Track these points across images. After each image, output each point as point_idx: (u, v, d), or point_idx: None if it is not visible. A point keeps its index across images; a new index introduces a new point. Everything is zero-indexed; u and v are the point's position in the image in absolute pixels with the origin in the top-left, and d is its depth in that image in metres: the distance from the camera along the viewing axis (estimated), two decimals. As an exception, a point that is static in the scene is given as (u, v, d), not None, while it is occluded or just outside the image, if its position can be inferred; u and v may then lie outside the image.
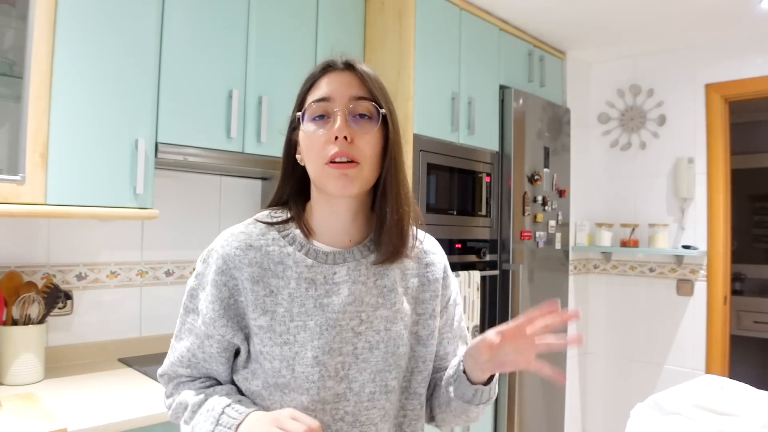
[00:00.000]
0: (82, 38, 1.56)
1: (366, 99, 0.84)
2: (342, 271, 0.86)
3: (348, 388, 0.84)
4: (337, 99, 0.83)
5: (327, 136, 0.82)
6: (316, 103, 0.84)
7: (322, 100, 0.83)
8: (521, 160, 2.76)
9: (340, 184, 0.81)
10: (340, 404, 0.84)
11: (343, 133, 0.80)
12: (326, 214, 0.89)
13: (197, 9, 1.81)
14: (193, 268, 2.18)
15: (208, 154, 1.84)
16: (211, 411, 0.82)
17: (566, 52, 3.28)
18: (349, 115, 0.82)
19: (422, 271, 0.94)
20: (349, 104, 0.83)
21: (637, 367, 3.25)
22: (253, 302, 0.84)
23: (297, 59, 2.11)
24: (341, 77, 0.85)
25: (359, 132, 0.82)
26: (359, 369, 0.85)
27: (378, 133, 0.84)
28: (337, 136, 0.80)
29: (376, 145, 0.84)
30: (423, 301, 0.93)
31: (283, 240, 0.87)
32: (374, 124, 0.84)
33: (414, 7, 2.29)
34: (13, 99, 1.54)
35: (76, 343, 1.86)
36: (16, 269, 1.73)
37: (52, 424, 1.23)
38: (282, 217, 0.90)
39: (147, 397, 1.52)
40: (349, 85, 0.84)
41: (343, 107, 0.82)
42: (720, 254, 2.99)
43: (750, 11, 2.62)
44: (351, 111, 0.83)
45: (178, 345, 0.91)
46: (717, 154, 3.02)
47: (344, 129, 0.81)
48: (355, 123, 0.83)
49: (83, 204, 1.57)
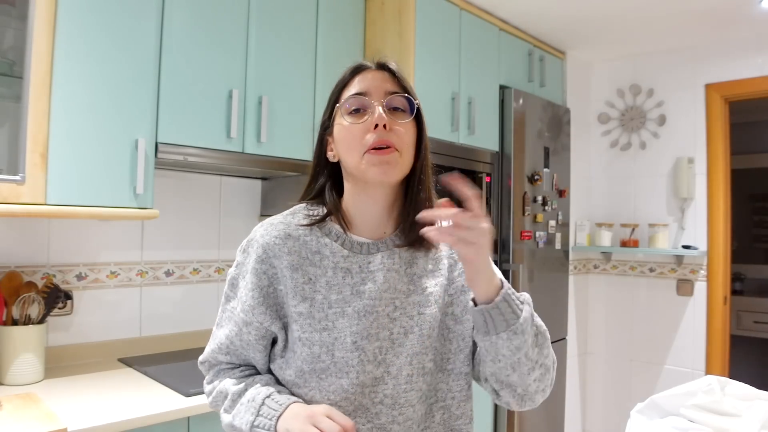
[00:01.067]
0: (82, 38, 1.56)
1: (400, 93, 0.89)
2: (376, 259, 0.91)
3: (386, 372, 0.87)
4: (374, 93, 0.88)
5: (365, 126, 0.86)
6: (353, 97, 0.89)
7: (358, 95, 0.89)
8: (521, 160, 2.76)
9: (381, 170, 0.86)
10: (379, 387, 0.86)
11: (383, 121, 0.85)
12: (363, 205, 0.93)
13: (197, 9, 1.81)
14: (193, 268, 2.18)
15: (208, 154, 1.84)
16: (252, 402, 0.85)
17: (566, 52, 3.28)
18: (387, 105, 0.87)
19: (450, 252, 0.97)
20: (385, 97, 0.88)
21: (637, 367, 3.25)
22: (292, 289, 0.87)
23: (297, 59, 2.11)
24: (374, 74, 0.91)
25: (396, 122, 0.87)
26: (396, 353, 0.87)
27: (412, 124, 0.90)
28: (377, 125, 0.85)
29: (412, 135, 0.90)
30: (453, 279, 0.95)
31: (320, 231, 0.92)
32: (408, 116, 0.89)
33: (414, 7, 2.28)
34: (13, 99, 1.54)
35: (76, 343, 1.86)
36: (16, 269, 1.73)
37: (52, 424, 1.23)
38: (318, 210, 0.94)
39: (147, 397, 1.52)
40: (383, 81, 0.90)
41: (379, 99, 0.88)
42: (720, 254, 2.99)
43: (750, 11, 2.62)
44: (387, 104, 0.88)
45: (219, 332, 0.96)
46: (717, 154, 3.02)
47: (383, 117, 0.86)
48: (391, 115, 0.88)
49: (83, 204, 1.57)
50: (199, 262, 2.20)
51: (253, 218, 2.38)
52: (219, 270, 2.26)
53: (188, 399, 1.51)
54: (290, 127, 2.07)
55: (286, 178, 2.29)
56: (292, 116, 2.08)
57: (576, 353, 3.30)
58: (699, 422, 1.13)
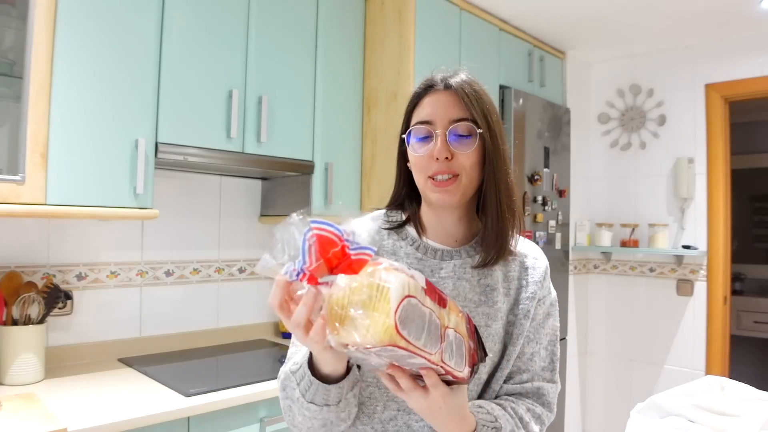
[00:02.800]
0: (82, 38, 1.56)
1: (464, 120, 0.90)
2: (448, 267, 0.94)
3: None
4: (438, 122, 0.90)
5: (429, 155, 0.89)
6: (418, 125, 0.92)
7: (423, 123, 0.91)
8: (521, 160, 2.76)
9: (440, 198, 0.90)
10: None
11: (443, 155, 0.88)
12: (432, 217, 0.97)
13: (197, 9, 1.81)
14: (193, 268, 2.18)
15: (208, 154, 1.84)
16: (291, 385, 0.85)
17: (566, 52, 3.28)
18: (450, 135, 0.89)
19: (523, 274, 0.99)
20: (449, 126, 0.89)
21: (637, 367, 3.25)
22: None
23: (297, 59, 2.11)
24: (441, 98, 0.91)
25: (458, 150, 0.89)
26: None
27: (477, 149, 0.90)
28: (437, 157, 0.88)
29: (475, 159, 0.90)
30: (520, 301, 0.97)
31: (396, 235, 0.97)
32: (472, 143, 0.90)
33: (414, 7, 2.28)
34: (13, 99, 1.54)
35: (76, 343, 1.86)
36: (16, 269, 1.73)
37: (52, 424, 1.23)
38: (397, 216, 0.99)
39: (147, 397, 1.52)
40: (448, 106, 0.90)
41: (443, 129, 0.89)
42: (720, 254, 2.99)
43: (750, 11, 2.62)
44: (451, 132, 0.89)
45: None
46: (717, 154, 3.02)
47: (443, 151, 0.88)
48: (455, 141, 0.89)
49: (83, 204, 1.57)
50: (199, 262, 2.20)
51: (253, 218, 2.38)
52: (219, 270, 2.26)
53: (188, 399, 1.51)
54: (290, 127, 2.07)
55: (286, 178, 2.29)
56: (292, 116, 2.08)
57: (576, 353, 3.30)
58: (699, 422, 1.13)
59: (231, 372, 1.85)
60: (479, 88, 0.93)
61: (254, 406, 1.63)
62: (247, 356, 2.08)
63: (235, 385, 1.64)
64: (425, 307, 0.64)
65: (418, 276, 0.66)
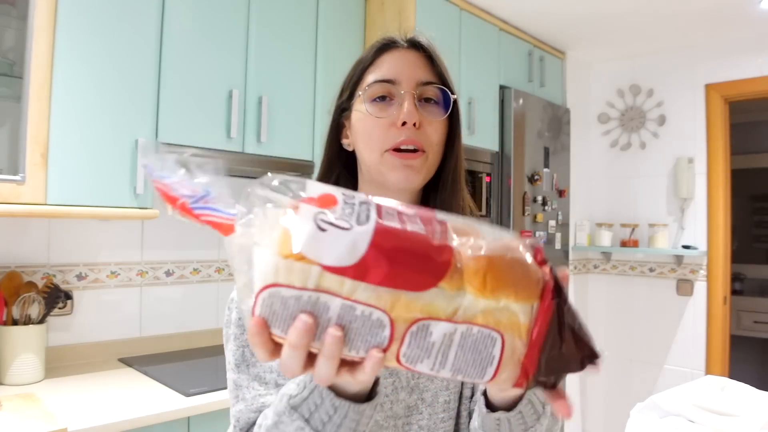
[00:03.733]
0: (83, 38, 1.56)
1: (435, 84, 0.75)
2: None
3: (420, 399, 0.75)
4: (404, 82, 0.73)
5: (390, 121, 0.72)
6: (379, 83, 0.74)
7: (385, 82, 0.73)
8: (521, 160, 2.76)
9: (402, 176, 0.72)
10: (413, 417, 0.74)
11: (414, 119, 0.71)
12: None
13: (197, 9, 1.81)
14: (193, 268, 2.18)
15: (208, 154, 1.84)
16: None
17: (566, 52, 3.28)
18: (416, 99, 0.73)
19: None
20: (417, 88, 0.73)
21: (637, 367, 3.25)
22: None
23: (297, 59, 2.11)
24: (405, 57, 0.76)
25: (427, 118, 0.73)
26: (429, 377, 0.74)
27: (445, 122, 0.76)
28: (405, 122, 0.71)
29: (442, 134, 0.75)
30: None
31: None
32: (442, 111, 0.75)
33: (414, 7, 2.29)
34: (13, 99, 1.54)
35: (76, 343, 1.86)
36: (16, 269, 1.73)
37: (52, 424, 1.23)
38: None
39: (147, 397, 1.52)
40: (415, 66, 0.75)
41: (410, 90, 0.73)
42: (720, 254, 2.99)
43: (750, 11, 2.62)
44: (418, 95, 0.73)
45: (251, 372, 0.73)
46: (717, 154, 3.02)
47: (414, 114, 0.71)
48: (422, 108, 0.73)
49: (83, 204, 1.57)
50: (199, 262, 2.20)
51: (253, 218, 2.38)
52: (219, 270, 2.26)
53: (188, 399, 1.51)
54: (290, 127, 2.07)
55: (286, 178, 2.29)
56: (292, 116, 2.08)
57: (576, 353, 3.30)
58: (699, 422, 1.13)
59: (231, 372, 1.85)
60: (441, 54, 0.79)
61: (254, 406, 1.63)
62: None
63: (235, 385, 1.64)
64: (332, 296, 0.39)
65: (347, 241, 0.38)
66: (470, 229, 0.43)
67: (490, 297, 0.40)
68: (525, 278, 0.42)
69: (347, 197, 0.41)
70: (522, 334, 0.42)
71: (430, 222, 0.41)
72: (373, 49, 0.77)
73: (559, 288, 0.43)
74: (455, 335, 0.40)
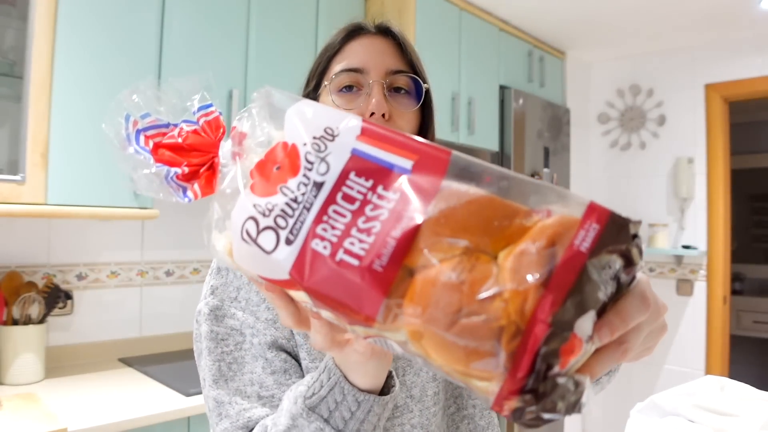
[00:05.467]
0: (83, 38, 1.56)
1: (405, 72, 0.72)
2: None
3: (409, 397, 0.71)
4: (372, 71, 0.70)
5: (358, 112, 0.68)
6: (345, 72, 0.70)
7: (352, 71, 0.70)
8: (521, 160, 2.76)
9: None
10: (404, 417, 0.70)
11: (382, 110, 0.67)
12: None
13: (197, 9, 1.81)
14: (193, 268, 2.18)
15: (208, 154, 1.84)
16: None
17: (566, 52, 3.28)
18: (386, 89, 0.70)
19: None
20: (386, 78, 0.70)
21: (637, 367, 3.25)
22: None
23: (297, 59, 2.11)
24: (374, 44, 0.73)
25: (398, 109, 0.70)
26: (415, 371, 0.72)
27: (417, 112, 0.73)
28: (373, 112, 0.67)
29: (414, 125, 0.72)
30: None
31: None
32: (414, 101, 0.72)
33: (414, 6, 2.28)
34: (13, 99, 1.54)
35: (76, 343, 1.86)
36: (17, 269, 1.73)
37: (52, 424, 1.23)
38: None
39: (147, 397, 1.52)
40: (384, 54, 0.72)
41: (379, 79, 0.69)
42: (720, 254, 2.99)
43: (750, 11, 2.62)
44: (387, 84, 0.70)
45: (230, 387, 0.69)
46: (717, 154, 3.02)
47: (383, 105, 0.68)
48: (392, 98, 0.70)
49: (83, 204, 1.57)
50: (199, 262, 2.20)
51: (253, 218, 2.38)
52: (219, 270, 2.26)
53: (188, 399, 1.51)
54: (290, 127, 2.07)
55: (286, 178, 2.29)
56: (292, 116, 2.08)
57: (576, 353, 3.30)
58: (699, 422, 1.13)
59: (231, 372, 1.85)
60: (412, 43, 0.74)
61: (254, 406, 1.63)
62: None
63: (235, 385, 1.64)
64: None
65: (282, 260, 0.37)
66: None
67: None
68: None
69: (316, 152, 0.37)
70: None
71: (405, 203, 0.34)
72: (340, 35, 0.74)
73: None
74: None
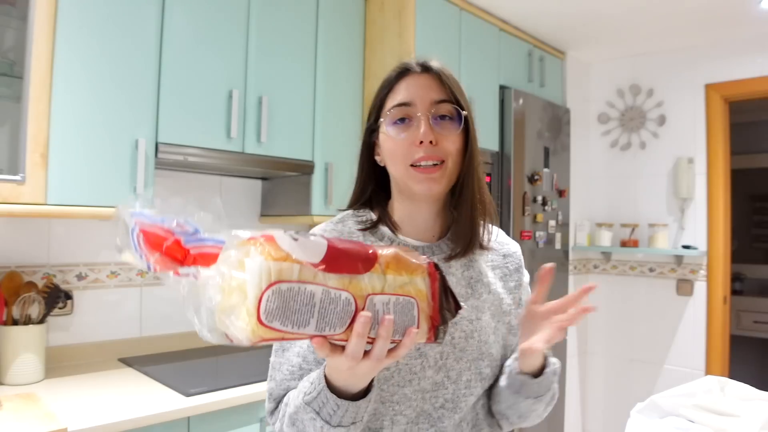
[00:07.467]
0: (83, 38, 1.56)
1: (447, 101, 0.86)
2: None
3: (446, 377, 0.85)
4: (419, 103, 0.85)
5: (410, 140, 0.84)
6: (397, 107, 0.86)
7: (403, 105, 0.85)
8: (521, 160, 2.76)
9: (426, 187, 0.84)
10: (439, 392, 0.85)
11: (428, 138, 0.82)
12: (409, 211, 0.91)
13: (197, 9, 1.81)
14: (193, 268, 2.18)
15: (208, 154, 1.84)
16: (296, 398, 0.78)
17: (566, 52, 3.28)
18: (432, 118, 0.84)
19: (503, 262, 0.97)
20: (431, 108, 0.84)
21: (637, 367, 3.25)
22: None
23: (297, 59, 2.11)
24: (419, 80, 0.87)
25: (442, 134, 0.84)
26: (456, 357, 0.86)
27: (461, 133, 0.86)
28: (422, 141, 0.82)
29: (459, 144, 0.86)
30: (510, 290, 0.95)
31: (372, 236, 0.90)
32: (456, 126, 0.86)
33: (414, 6, 2.28)
34: (13, 99, 1.54)
35: (76, 343, 1.86)
36: (17, 269, 1.73)
37: (52, 424, 1.23)
38: (367, 215, 0.92)
39: (147, 397, 1.52)
40: (428, 88, 0.86)
41: (425, 111, 0.84)
42: (720, 254, 2.99)
43: (750, 11, 2.62)
44: (433, 114, 0.84)
45: (284, 357, 0.88)
46: (717, 154, 3.02)
47: (429, 134, 0.83)
48: (438, 125, 0.84)
49: (83, 204, 1.57)
50: (199, 262, 2.20)
51: (254, 218, 2.38)
52: (219, 270, 2.26)
53: (188, 399, 1.51)
54: (290, 127, 2.07)
55: (286, 178, 2.29)
56: (292, 116, 2.08)
57: (576, 353, 3.30)
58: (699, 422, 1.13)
59: (231, 372, 1.85)
60: (453, 74, 0.90)
61: (254, 406, 1.63)
62: (247, 356, 2.08)
63: (235, 385, 1.64)
64: (314, 285, 0.56)
65: (312, 246, 0.58)
66: (392, 248, 0.65)
67: (397, 274, 0.62)
68: (415, 262, 0.65)
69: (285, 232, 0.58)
70: (427, 298, 0.65)
71: (360, 244, 0.63)
72: (391, 76, 0.90)
73: (437, 266, 0.67)
74: (389, 304, 0.61)
